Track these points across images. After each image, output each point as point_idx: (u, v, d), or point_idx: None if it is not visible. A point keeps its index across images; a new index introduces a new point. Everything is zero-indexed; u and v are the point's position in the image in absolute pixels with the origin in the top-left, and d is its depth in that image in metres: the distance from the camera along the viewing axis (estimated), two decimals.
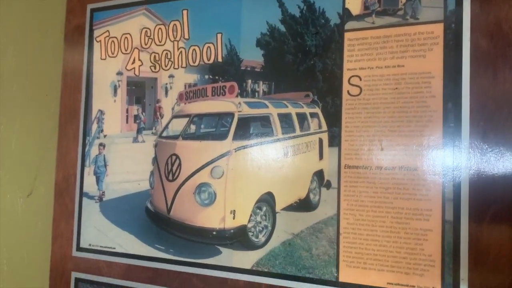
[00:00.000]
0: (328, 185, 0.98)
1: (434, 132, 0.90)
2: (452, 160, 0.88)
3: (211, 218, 1.10)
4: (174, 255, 1.14)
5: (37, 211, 1.39)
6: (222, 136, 1.10)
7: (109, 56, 1.28)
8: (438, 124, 0.90)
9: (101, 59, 1.29)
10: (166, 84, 1.19)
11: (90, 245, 1.26)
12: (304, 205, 1.01)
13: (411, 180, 0.91)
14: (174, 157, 1.16)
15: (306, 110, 1.03)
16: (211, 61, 1.14)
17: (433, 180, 0.89)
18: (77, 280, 1.27)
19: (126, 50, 1.26)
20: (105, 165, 1.26)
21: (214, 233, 1.09)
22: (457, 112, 0.89)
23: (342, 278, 0.96)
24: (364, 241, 0.94)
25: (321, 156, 1.01)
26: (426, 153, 0.90)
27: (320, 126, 1.01)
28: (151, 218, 1.18)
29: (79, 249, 1.27)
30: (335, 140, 0.98)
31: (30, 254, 1.38)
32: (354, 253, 0.95)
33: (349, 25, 0.98)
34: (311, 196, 1.01)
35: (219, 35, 1.12)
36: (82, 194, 1.29)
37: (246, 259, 1.05)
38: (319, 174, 1.00)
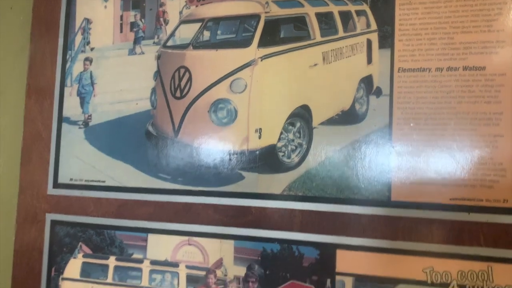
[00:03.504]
0: (378, 93, 0.85)
1: (504, 26, 0.79)
2: None
3: (231, 139, 0.93)
4: (184, 185, 0.95)
5: None
6: (244, 43, 0.93)
7: None
8: (508, 17, 0.79)
9: None
10: None
11: (71, 179, 1.04)
12: (348, 117, 0.87)
13: (477, 81, 0.80)
14: (182, 70, 0.97)
15: (351, 7, 0.89)
16: None
17: (504, 79, 0.79)
18: (54, 223, 1.04)
19: None
20: (92, 84, 1.04)
21: (235, 156, 0.92)
22: None
23: (395, 197, 0.83)
24: (422, 152, 0.82)
25: (369, 60, 0.87)
26: (495, 50, 0.80)
27: (368, 25, 0.87)
28: (154, 143, 0.99)
29: (56, 185, 1.05)
30: (387, 40, 0.85)
31: None
32: (411, 167, 0.82)
33: None
34: (357, 106, 0.87)
35: None
36: (61, 119, 1.06)
37: (275, 183, 0.90)
38: (367, 81, 0.87)
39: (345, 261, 0.85)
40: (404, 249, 0.81)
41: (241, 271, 0.90)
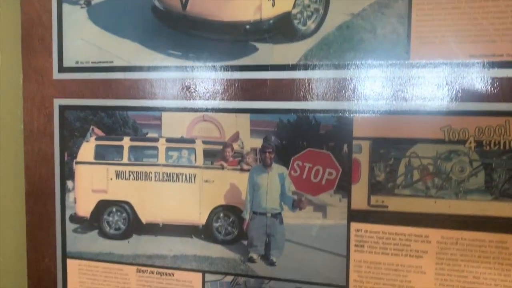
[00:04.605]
0: None
1: None
2: None
3: (243, 9, 0.90)
4: (195, 60, 0.93)
5: None
6: None
7: None
8: None
9: None
10: None
11: (77, 62, 1.00)
12: None
13: None
14: None
15: None
16: None
17: None
18: (63, 108, 1.02)
19: None
20: None
21: (248, 27, 0.90)
22: None
23: (414, 58, 0.82)
24: (443, 10, 0.80)
25: None
26: None
27: None
28: (161, 19, 0.95)
29: (62, 69, 1.01)
30: None
31: None
32: (430, 27, 0.81)
33: None
34: None
35: None
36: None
37: (290, 53, 0.88)
38: None
39: (362, 126, 0.85)
40: (421, 110, 0.82)
41: (257, 143, 0.91)
